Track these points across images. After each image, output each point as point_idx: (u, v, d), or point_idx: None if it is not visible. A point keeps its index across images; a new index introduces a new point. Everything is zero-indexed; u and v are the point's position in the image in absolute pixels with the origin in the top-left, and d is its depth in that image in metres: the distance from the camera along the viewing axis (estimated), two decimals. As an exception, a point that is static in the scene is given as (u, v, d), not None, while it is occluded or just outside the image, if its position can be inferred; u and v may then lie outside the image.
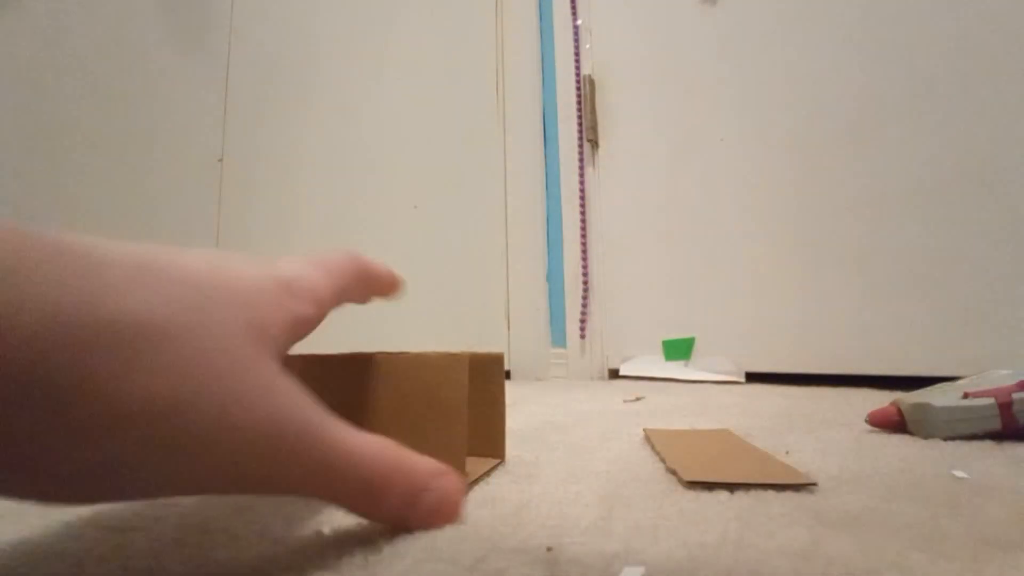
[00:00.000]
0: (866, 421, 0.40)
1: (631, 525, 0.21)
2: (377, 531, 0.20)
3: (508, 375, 1.09)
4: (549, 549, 0.18)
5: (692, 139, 1.00)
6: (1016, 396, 0.35)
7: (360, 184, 0.89)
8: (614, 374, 1.05)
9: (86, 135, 0.56)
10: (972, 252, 0.74)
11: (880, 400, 0.61)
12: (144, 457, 0.14)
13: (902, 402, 0.39)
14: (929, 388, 0.41)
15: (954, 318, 0.74)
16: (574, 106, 1.15)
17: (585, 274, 1.11)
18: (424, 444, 0.22)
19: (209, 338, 0.15)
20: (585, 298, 1.10)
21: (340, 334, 0.29)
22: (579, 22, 1.16)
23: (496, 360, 0.33)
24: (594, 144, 1.13)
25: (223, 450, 0.15)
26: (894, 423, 0.39)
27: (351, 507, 0.18)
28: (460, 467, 0.26)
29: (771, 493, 0.24)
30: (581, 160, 1.13)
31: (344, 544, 0.19)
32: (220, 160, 0.69)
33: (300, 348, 0.20)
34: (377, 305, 0.94)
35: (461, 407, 0.26)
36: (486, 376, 0.32)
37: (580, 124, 1.14)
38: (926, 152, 0.77)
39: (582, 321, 1.09)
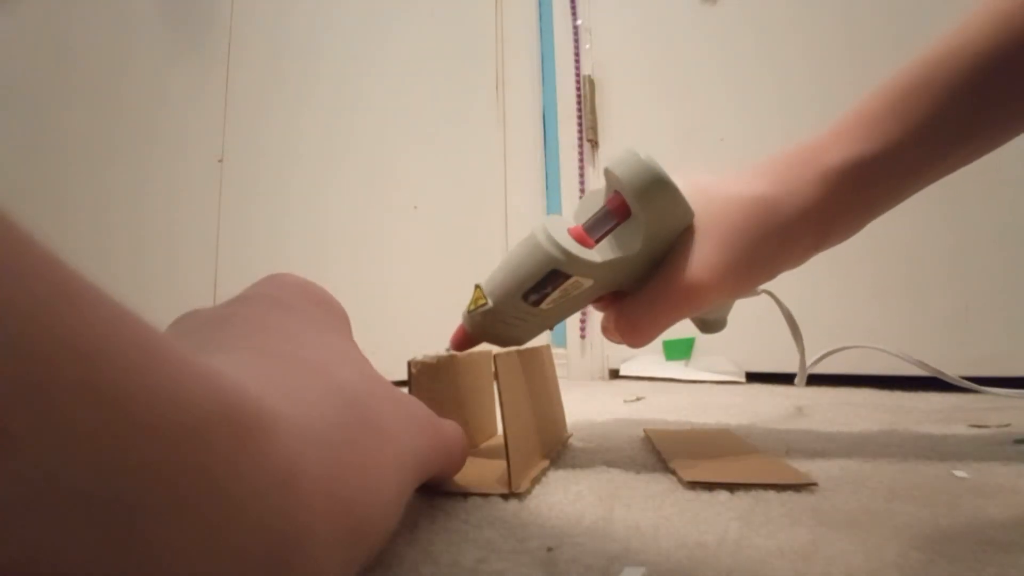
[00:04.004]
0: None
1: (631, 525, 0.21)
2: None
3: (508, 375, 1.09)
4: (549, 549, 0.18)
5: (692, 139, 1.00)
6: None
7: (360, 184, 0.89)
8: (614, 374, 1.05)
9: (84, 135, 0.56)
10: (973, 252, 0.74)
11: (879, 400, 0.61)
12: None
13: None
14: None
15: (954, 317, 0.74)
16: (574, 106, 1.15)
17: (585, 274, 1.11)
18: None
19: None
20: (585, 298, 1.10)
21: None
22: (579, 22, 1.16)
23: (546, 350, 0.37)
24: (594, 144, 1.13)
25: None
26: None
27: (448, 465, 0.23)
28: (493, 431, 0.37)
29: (771, 493, 0.24)
30: (581, 160, 1.13)
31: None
32: (220, 161, 0.69)
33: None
34: (377, 306, 0.92)
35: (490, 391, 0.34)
36: (546, 364, 0.36)
37: (580, 124, 1.14)
38: (926, 152, 0.77)
39: (582, 321, 1.09)
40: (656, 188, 0.27)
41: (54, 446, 0.07)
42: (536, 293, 0.27)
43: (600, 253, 0.27)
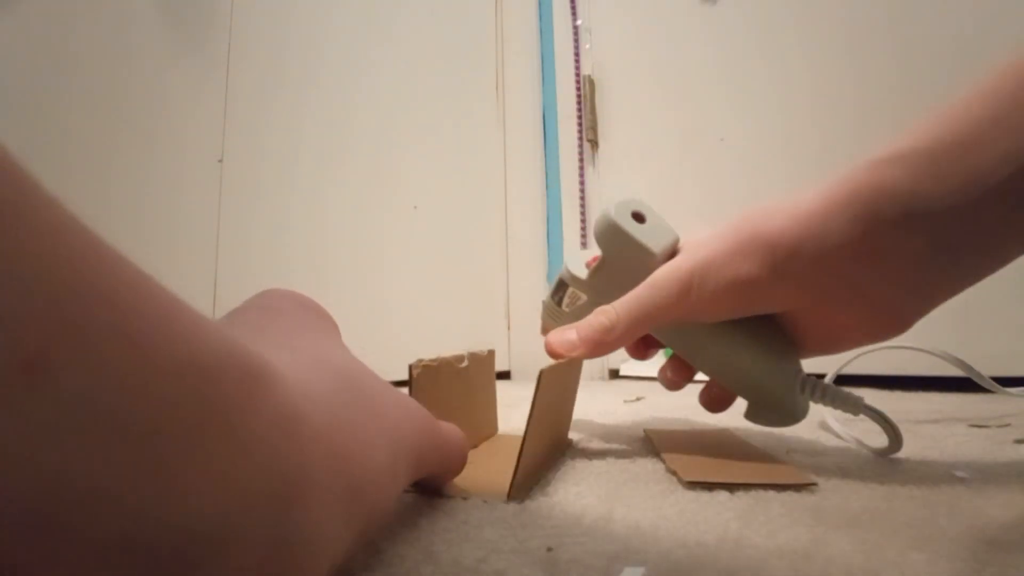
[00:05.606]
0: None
1: (631, 525, 0.21)
2: (378, 535, 0.20)
3: (508, 375, 1.09)
4: (549, 549, 0.18)
5: (692, 139, 1.00)
6: None
7: (360, 185, 0.89)
8: (614, 374, 1.05)
9: (84, 135, 0.56)
10: (972, 252, 0.74)
11: (879, 400, 0.60)
12: None
13: None
14: None
15: (954, 317, 0.74)
16: (574, 106, 1.15)
17: (585, 274, 1.11)
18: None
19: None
20: (585, 298, 1.10)
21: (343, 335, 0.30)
22: (579, 22, 1.16)
23: (578, 362, 0.35)
24: (594, 144, 1.13)
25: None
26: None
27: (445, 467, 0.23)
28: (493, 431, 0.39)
29: (771, 493, 0.24)
30: (581, 160, 1.13)
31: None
32: (220, 161, 0.69)
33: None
34: (377, 306, 0.92)
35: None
36: (573, 376, 0.36)
37: (580, 124, 1.14)
38: (926, 152, 0.77)
39: (582, 321, 1.09)
40: (608, 234, 0.33)
41: (88, 373, 0.09)
42: (556, 295, 0.38)
43: (588, 274, 0.36)
